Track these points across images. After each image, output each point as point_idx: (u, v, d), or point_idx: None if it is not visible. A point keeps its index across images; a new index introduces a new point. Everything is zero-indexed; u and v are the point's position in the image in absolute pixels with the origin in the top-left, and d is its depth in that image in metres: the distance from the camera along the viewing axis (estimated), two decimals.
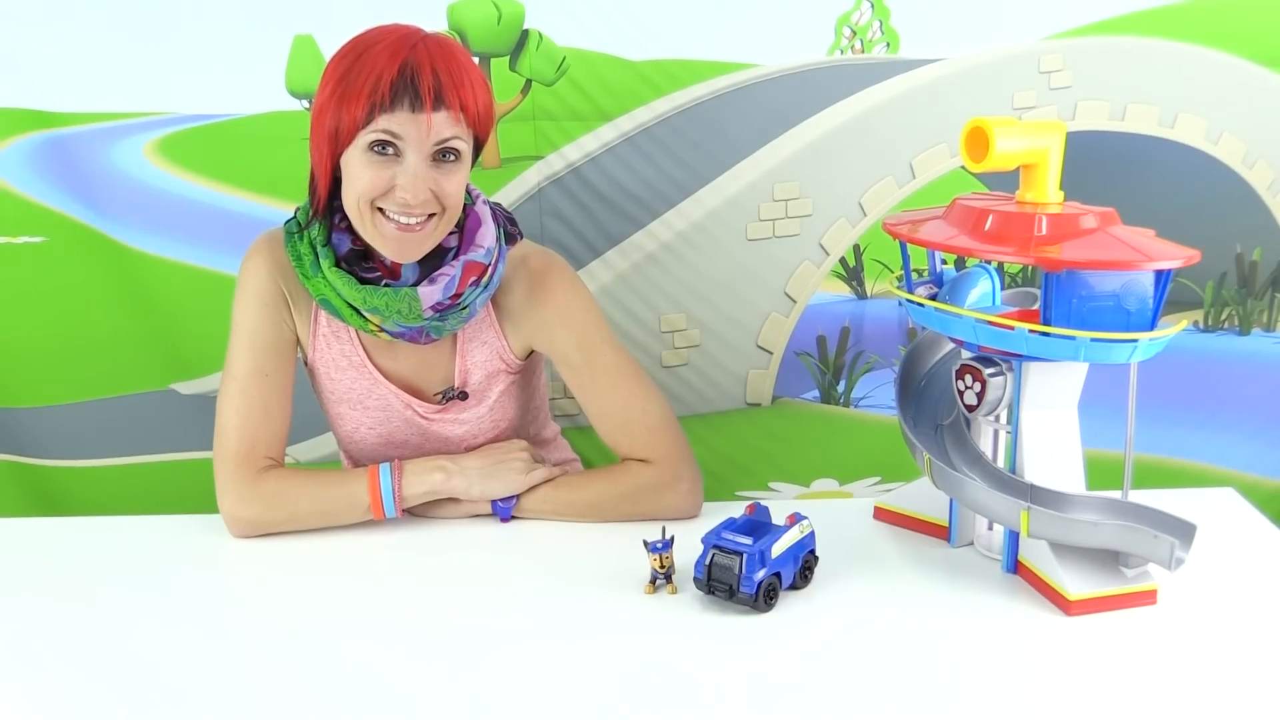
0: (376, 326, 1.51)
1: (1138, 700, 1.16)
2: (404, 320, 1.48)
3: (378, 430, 1.62)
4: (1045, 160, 1.30)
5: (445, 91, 1.38)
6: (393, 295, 1.47)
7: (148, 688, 1.19)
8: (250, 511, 1.52)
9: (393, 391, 1.59)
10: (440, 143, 1.41)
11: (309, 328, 1.57)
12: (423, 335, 1.52)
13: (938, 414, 1.49)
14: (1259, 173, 2.06)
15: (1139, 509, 1.31)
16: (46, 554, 1.50)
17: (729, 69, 1.97)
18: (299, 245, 1.51)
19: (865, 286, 2.11)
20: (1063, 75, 1.98)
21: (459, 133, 1.41)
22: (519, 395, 1.66)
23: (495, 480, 1.56)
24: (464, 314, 1.52)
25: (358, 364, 1.58)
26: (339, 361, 1.58)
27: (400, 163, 1.41)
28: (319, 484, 1.54)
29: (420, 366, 1.59)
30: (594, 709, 1.15)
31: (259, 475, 1.52)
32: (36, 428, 2.14)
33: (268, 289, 1.54)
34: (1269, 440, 2.20)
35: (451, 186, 1.43)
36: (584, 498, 1.57)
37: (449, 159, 1.43)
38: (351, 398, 1.60)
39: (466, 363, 1.59)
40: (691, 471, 1.59)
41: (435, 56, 1.39)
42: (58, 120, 1.94)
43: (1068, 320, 1.26)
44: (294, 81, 1.94)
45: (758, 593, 1.28)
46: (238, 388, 1.55)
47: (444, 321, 1.51)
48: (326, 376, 1.60)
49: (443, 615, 1.33)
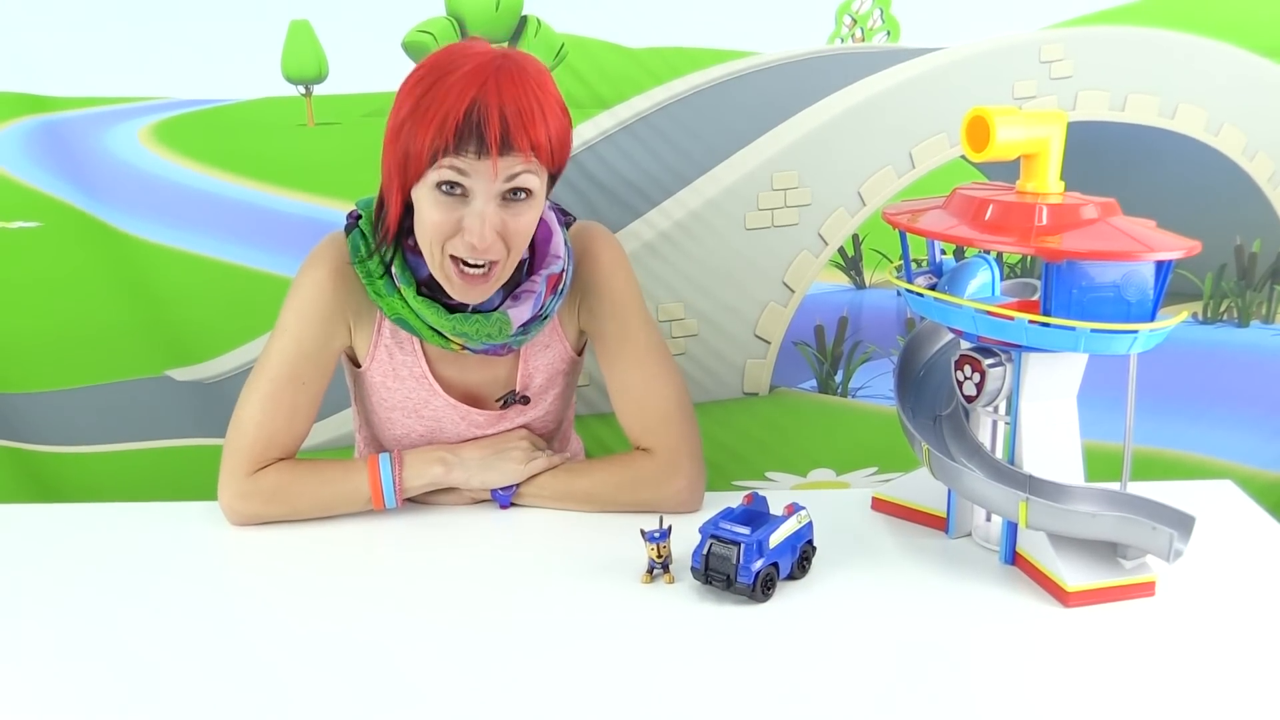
0: (460, 346, 1.50)
1: (1135, 692, 1.16)
2: (490, 341, 1.48)
3: (427, 437, 1.61)
4: (1046, 150, 1.29)
5: (513, 135, 1.33)
6: (484, 321, 1.46)
7: (144, 674, 1.19)
8: (249, 507, 1.52)
9: (450, 403, 1.58)
10: (509, 181, 1.37)
11: (371, 337, 1.55)
12: (505, 349, 1.52)
13: (936, 404, 1.48)
14: (1259, 164, 2.05)
15: (1138, 500, 1.31)
16: (42, 540, 1.50)
17: (728, 57, 1.96)
18: (369, 264, 1.48)
19: (864, 276, 2.11)
20: (1063, 65, 1.98)
21: (530, 168, 1.37)
22: (567, 395, 1.67)
23: (494, 471, 1.55)
24: (545, 323, 1.53)
25: (419, 375, 1.57)
26: (399, 372, 1.57)
27: (468, 204, 1.38)
28: (319, 478, 1.54)
29: (484, 376, 1.59)
30: (591, 698, 1.15)
31: (259, 475, 1.52)
32: (32, 413, 2.13)
33: (326, 301, 1.51)
34: (1267, 432, 2.20)
35: (520, 225, 1.40)
36: (582, 486, 1.57)
37: (519, 197, 1.39)
38: (407, 406, 1.59)
39: (530, 367, 1.59)
40: (693, 466, 1.58)
41: (505, 95, 1.33)
42: (52, 105, 1.93)
43: (1068, 311, 1.26)
44: (290, 67, 1.93)
45: (755, 583, 1.28)
46: (270, 389, 1.52)
47: (527, 334, 1.51)
48: (383, 385, 1.58)
49: (440, 605, 1.32)
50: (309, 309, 1.52)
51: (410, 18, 1.89)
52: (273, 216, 1.99)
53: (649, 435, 1.58)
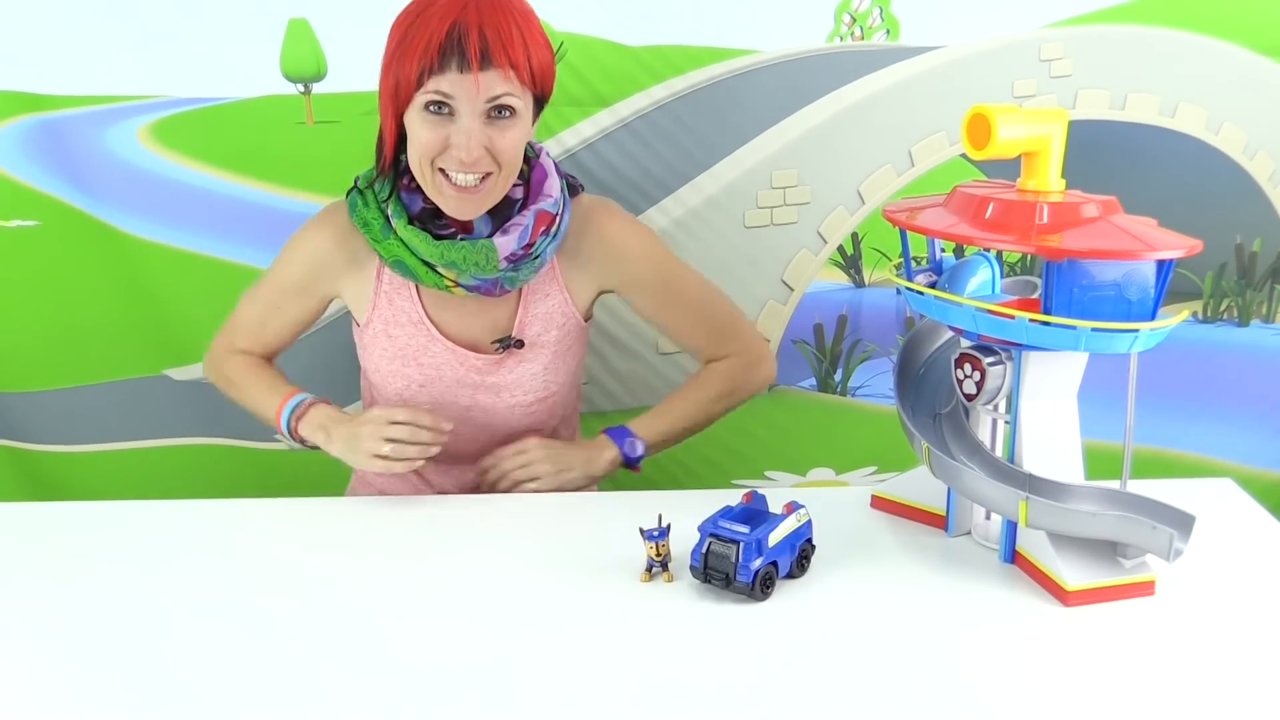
0: (452, 282, 1.56)
1: (1135, 691, 1.16)
2: (480, 272, 1.54)
3: (428, 389, 1.65)
4: (1047, 148, 1.29)
5: (492, 51, 1.42)
6: (470, 248, 1.53)
7: (140, 672, 1.19)
8: (211, 375, 1.79)
9: (448, 348, 1.63)
10: (491, 100, 1.45)
11: (372, 287, 1.63)
12: (497, 287, 1.57)
13: (936, 403, 1.48)
14: (1259, 163, 2.06)
15: (1138, 500, 1.30)
16: (40, 538, 1.49)
17: (728, 55, 1.96)
18: (365, 212, 1.57)
19: (863, 275, 2.11)
20: (1063, 64, 1.98)
21: (510, 89, 1.45)
22: (569, 363, 1.70)
23: (352, 454, 1.59)
24: (536, 263, 1.58)
25: (416, 320, 1.63)
26: (398, 318, 1.63)
27: (455, 121, 1.46)
28: (257, 388, 1.70)
29: (481, 322, 1.64)
30: (589, 697, 1.14)
31: (229, 355, 1.74)
32: (29, 412, 2.13)
33: (316, 251, 1.63)
34: (1267, 432, 2.20)
35: (505, 143, 1.48)
36: (683, 417, 1.74)
37: (504, 115, 1.47)
38: (406, 354, 1.64)
39: (528, 314, 1.64)
40: (766, 349, 1.81)
41: (485, 16, 1.42)
42: (51, 103, 1.93)
43: (1068, 309, 1.26)
44: (289, 65, 1.93)
45: (754, 581, 1.28)
46: (253, 299, 1.72)
47: (517, 272, 1.57)
48: (384, 334, 1.64)
49: (438, 601, 1.32)
50: (302, 258, 1.65)
51: None
52: (272, 214, 1.99)
53: (725, 345, 1.74)
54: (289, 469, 2.16)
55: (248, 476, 2.18)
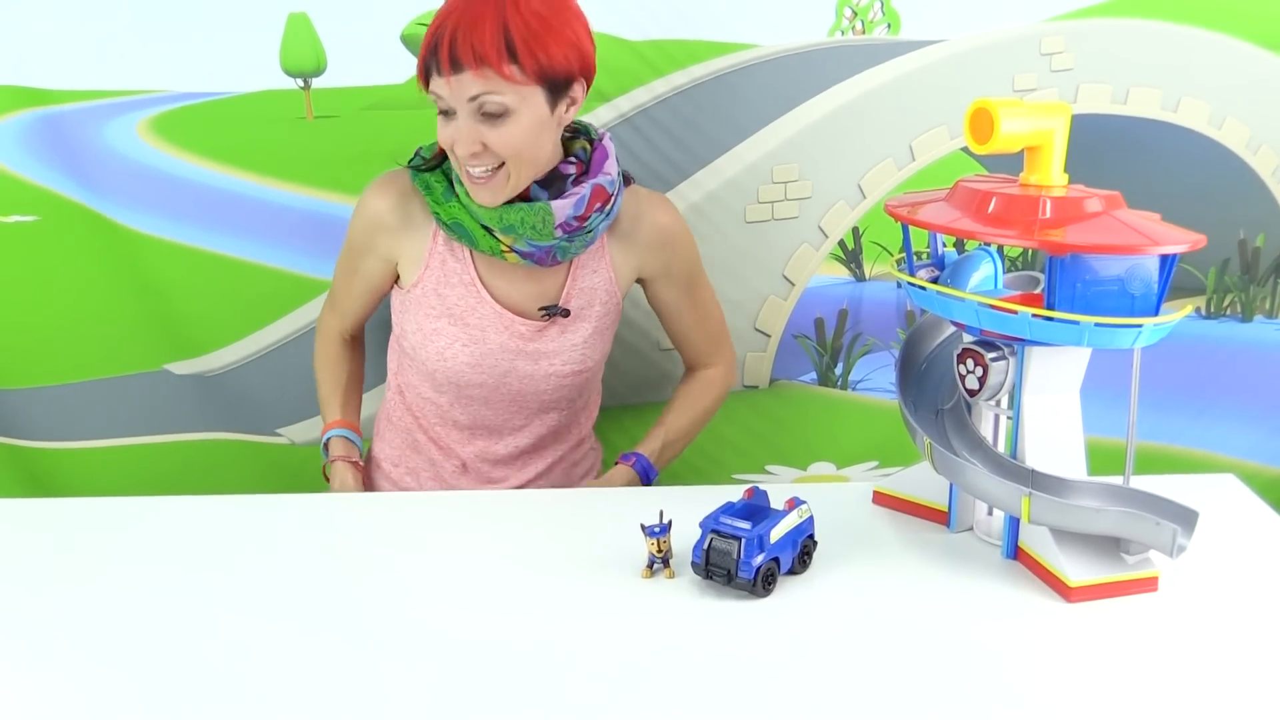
0: (507, 248, 1.62)
1: (1138, 687, 1.16)
2: (536, 238, 1.61)
3: (469, 349, 1.68)
4: (1050, 142, 1.29)
5: (459, 53, 1.48)
6: (528, 210, 1.59)
7: (143, 668, 1.18)
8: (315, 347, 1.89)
9: (495, 310, 1.68)
10: (472, 99, 1.51)
11: (426, 248, 1.69)
12: (549, 256, 1.64)
13: (938, 398, 1.48)
14: (1263, 158, 2.05)
15: (1141, 495, 1.30)
16: (39, 536, 1.49)
17: (728, 50, 1.96)
18: (427, 177, 1.65)
19: (864, 269, 2.10)
20: (1064, 57, 1.97)
21: (488, 89, 1.50)
22: (605, 342, 1.76)
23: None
24: (588, 237, 1.65)
25: (468, 281, 1.68)
26: (450, 279, 1.68)
27: (455, 120, 1.54)
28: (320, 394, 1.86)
29: (530, 290, 1.70)
30: (591, 693, 1.14)
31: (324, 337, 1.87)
32: (29, 409, 2.13)
33: (380, 217, 1.69)
34: (1270, 427, 2.20)
35: (498, 139, 1.53)
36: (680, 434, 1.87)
37: (494, 113, 1.52)
38: (455, 313, 1.68)
39: (575, 286, 1.70)
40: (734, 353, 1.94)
41: (460, 14, 1.49)
42: (51, 98, 1.92)
43: (1071, 304, 1.25)
44: (288, 60, 1.92)
45: (756, 578, 1.28)
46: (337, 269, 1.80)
47: (570, 243, 1.64)
48: (434, 293, 1.69)
49: (440, 599, 1.32)
50: (360, 217, 1.71)
51: (408, 10, 1.88)
52: (272, 209, 1.98)
53: (716, 352, 1.88)
54: (292, 463, 2.16)
55: (250, 471, 2.17)
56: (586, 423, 1.87)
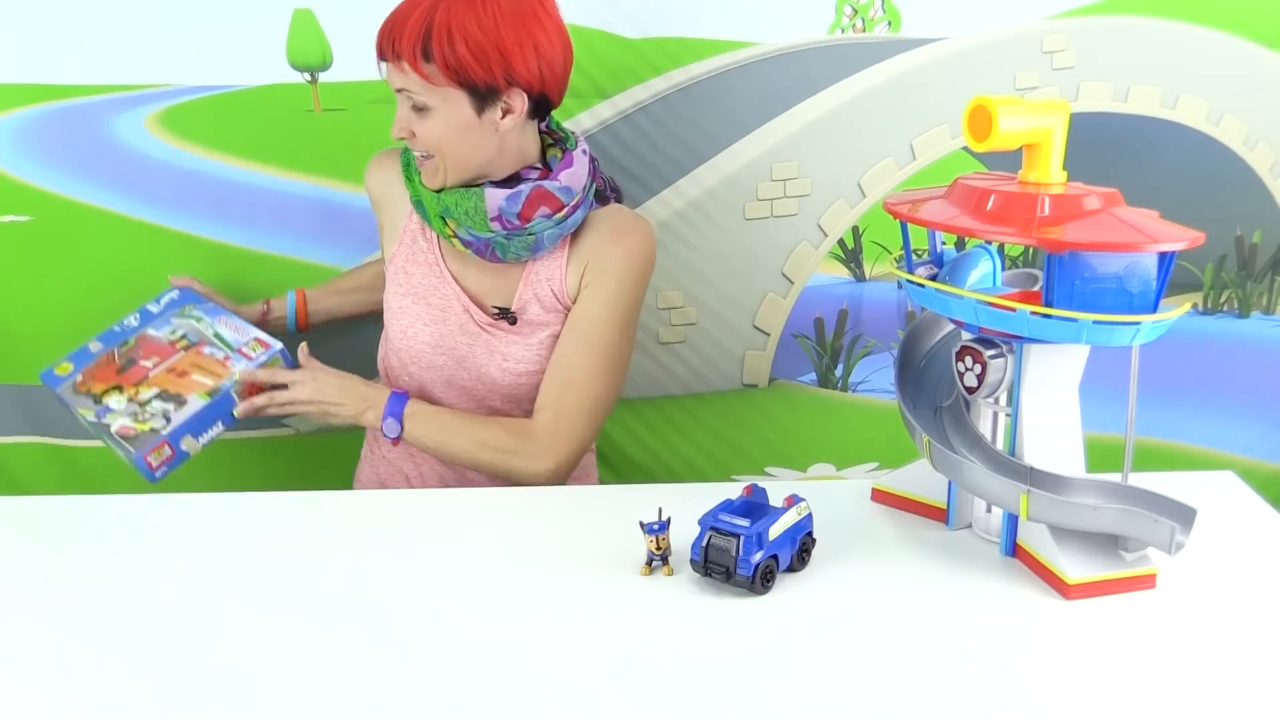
0: (451, 232, 1.65)
1: (1136, 684, 1.16)
2: (473, 226, 1.63)
3: (430, 329, 1.71)
4: (1049, 140, 1.29)
5: (385, 46, 1.56)
6: (462, 196, 1.62)
7: (149, 666, 1.19)
8: None
9: (455, 293, 1.71)
10: (399, 91, 1.59)
11: (402, 225, 1.75)
12: (488, 249, 1.65)
13: (937, 396, 1.48)
14: (1260, 155, 2.05)
15: (1139, 493, 1.30)
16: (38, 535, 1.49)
17: (728, 47, 1.96)
18: (409, 154, 1.69)
19: (864, 269, 2.10)
20: (1065, 55, 1.97)
21: (407, 84, 1.57)
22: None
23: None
24: (529, 240, 1.64)
25: (433, 262, 1.73)
26: (417, 258, 1.74)
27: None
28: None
29: (488, 284, 1.72)
30: (590, 690, 1.14)
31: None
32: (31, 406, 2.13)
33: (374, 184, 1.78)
34: (1268, 423, 2.19)
35: (422, 131, 1.59)
36: (459, 434, 1.70)
37: (419, 110, 1.58)
38: (419, 292, 1.73)
39: (529, 292, 1.70)
40: (566, 464, 1.69)
41: (398, 13, 1.55)
42: (59, 93, 1.93)
43: (1070, 302, 1.25)
44: (294, 54, 1.93)
45: (755, 575, 1.28)
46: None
47: (509, 241, 1.64)
48: (403, 271, 1.74)
49: (437, 595, 1.32)
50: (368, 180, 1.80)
51: None
52: (279, 201, 1.99)
53: (549, 411, 1.68)
54: (293, 459, 2.16)
55: (251, 468, 2.17)
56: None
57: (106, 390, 1.69)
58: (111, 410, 1.66)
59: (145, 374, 1.70)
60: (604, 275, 1.67)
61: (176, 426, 1.65)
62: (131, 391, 1.69)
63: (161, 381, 1.70)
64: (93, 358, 1.74)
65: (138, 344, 1.75)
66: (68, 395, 1.70)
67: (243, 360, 1.71)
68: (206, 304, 1.81)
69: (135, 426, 1.64)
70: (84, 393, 1.69)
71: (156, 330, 1.77)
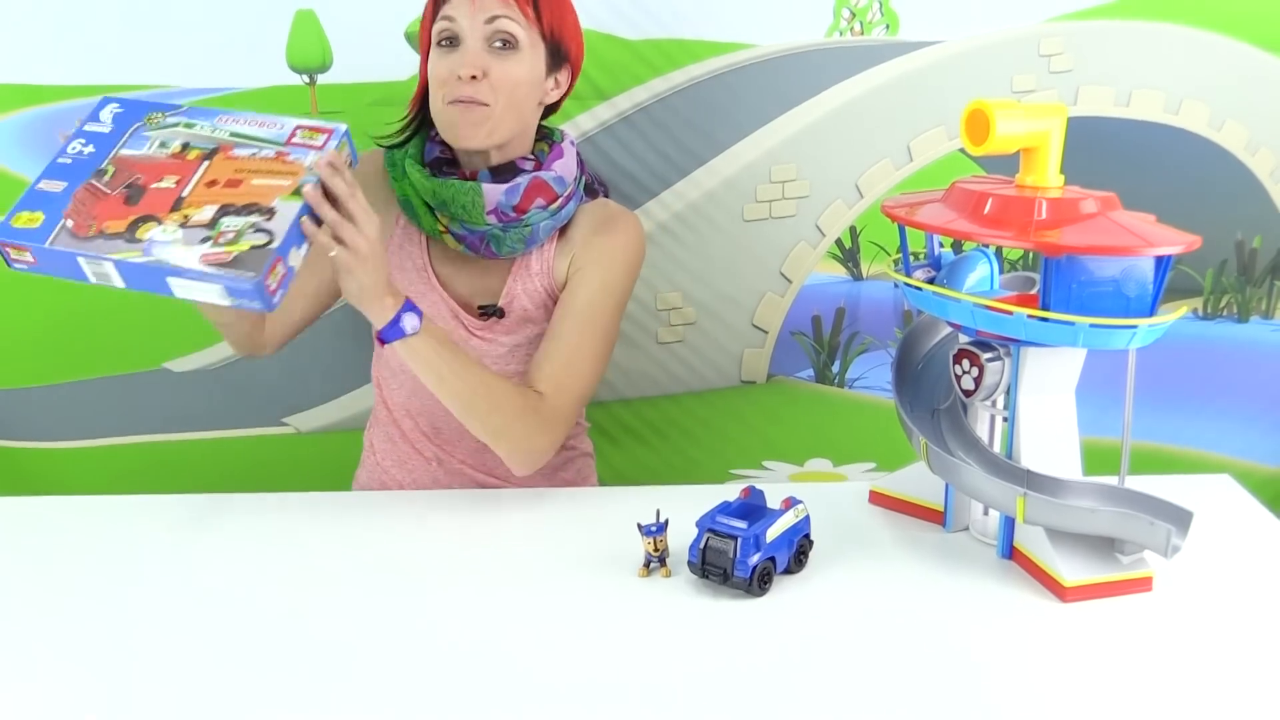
0: (444, 228, 1.62)
1: (1133, 687, 1.16)
2: (468, 220, 1.60)
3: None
4: (1046, 143, 1.29)
5: None
6: (460, 188, 1.58)
7: (144, 668, 1.19)
8: None
9: (443, 299, 1.67)
10: (490, 21, 1.54)
11: (389, 228, 1.68)
12: (483, 244, 1.62)
13: (934, 399, 1.48)
14: (1261, 160, 2.05)
15: (1136, 496, 1.31)
16: (38, 535, 1.49)
17: (727, 49, 1.96)
18: (395, 154, 1.66)
19: (861, 268, 2.11)
20: (1063, 59, 1.97)
21: (510, 14, 1.54)
22: None
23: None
24: (525, 232, 1.62)
25: (420, 266, 1.68)
26: (404, 264, 1.69)
27: (461, 52, 1.55)
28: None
29: (476, 285, 1.68)
30: (587, 692, 1.15)
31: None
32: (28, 409, 2.13)
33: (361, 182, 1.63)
34: (1265, 427, 2.20)
35: (500, 71, 1.55)
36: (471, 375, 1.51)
37: (505, 47, 1.55)
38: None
39: (517, 287, 1.67)
40: (555, 442, 1.59)
41: None
42: (56, 95, 1.93)
43: (1067, 305, 1.26)
44: (295, 56, 1.93)
45: (752, 577, 1.28)
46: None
47: (505, 234, 1.61)
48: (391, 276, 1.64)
49: (434, 597, 1.32)
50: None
51: (413, 8, 1.88)
52: None
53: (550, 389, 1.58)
54: (292, 461, 2.16)
55: (252, 469, 2.18)
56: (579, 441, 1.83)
57: (131, 225, 1.36)
58: (163, 243, 1.33)
59: (177, 196, 1.37)
60: (596, 264, 1.65)
61: (284, 238, 1.33)
62: (177, 217, 1.35)
63: (219, 196, 1.37)
64: (65, 199, 1.39)
65: (121, 169, 1.42)
66: (67, 244, 1.36)
67: (309, 152, 1.40)
68: (176, 108, 1.48)
69: (227, 250, 1.32)
70: (92, 235, 1.35)
71: (135, 150, 1.44)
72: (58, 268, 1.38)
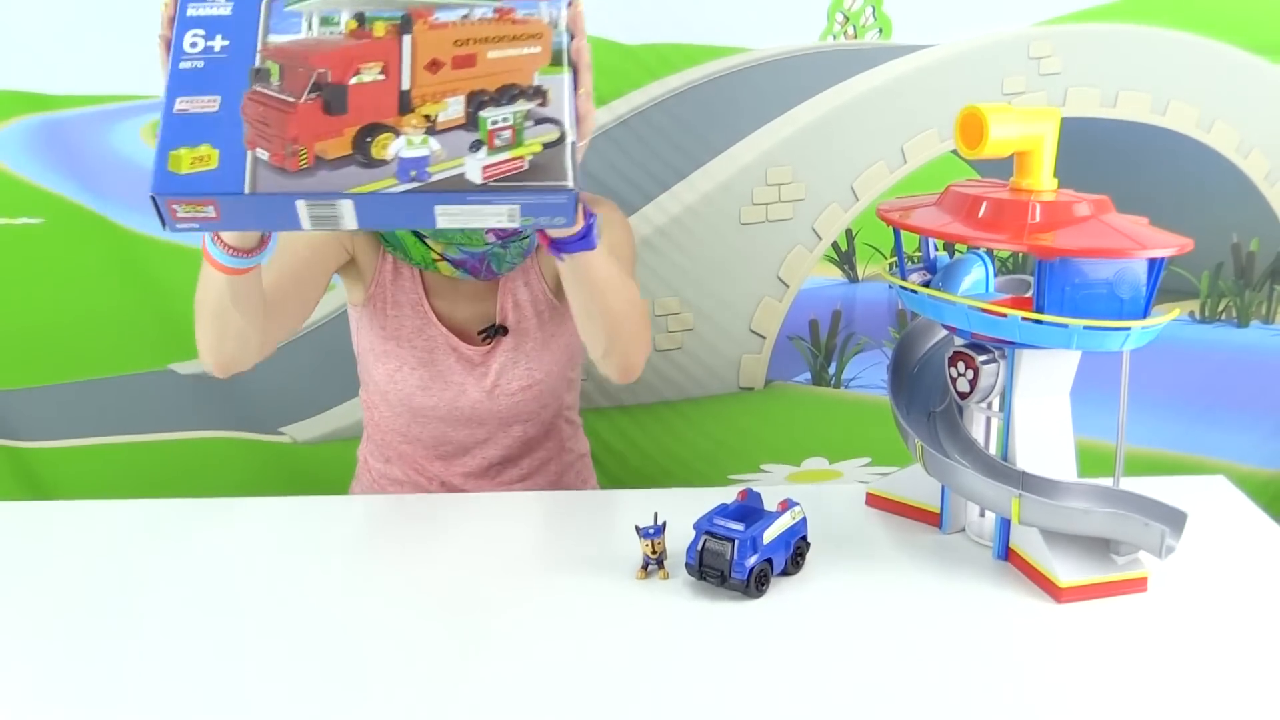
0: (438, 256, 1.59)
1: (1127, 687, 1.16)
2: (467, 244, 1.57)
3: (419, 372, 1.66)
4: (1040, 147, 1.29)
5: None
6: None
7: (143, 671, 1.19)
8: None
9: (441, 332, 1.65)
10: None
11: (375, 265, 1.64)
12: (484, 265, 1.60)
13: (930, 401, 1.49)
14: (1254, 162, 2.06)
15: (1130, 497, 1.31)
16: (39, 538, 1.49)
17: (722, 53, 1.97)
18: None
19: (857, 270, 2.11)
20: (1052, 61, 1.98)
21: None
22: (554, 351, 1.70)
23: None
24: (523, 245, 1.61)
25: (415, 301, 1.65)
26: (397, 297, 1.65)
27: None
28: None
29: (471, 311, 1.67)
30: (585, 695, 1.15)
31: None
32: (33, 409, 2.13)
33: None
34: (1265, 432, 2.20)
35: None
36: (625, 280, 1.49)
37: None
38: (401, 335, 1.66)
39: (508, 300, 1.66)
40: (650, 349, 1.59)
41: None
42: (55, 103, 1.93)
43: (1061, 308, 1.26)
44: None
45: (749, 579, 1.29)
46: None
47: (505, 250, 1.59)
48: (382, 313, 1.66)
49: (432, 600, 1.32)
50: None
51: None
52: None
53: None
54: (294, 462, 2.17)
55: (252, 470, 2.18)
56: (565, 428, 1.83)
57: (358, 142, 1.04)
58: (417, 160, 1.04)
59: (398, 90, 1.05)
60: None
61: (571, 119, 1.07)
62: (416, 121, 1.05)
63: (458, 83, 1.05)
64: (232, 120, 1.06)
65: (290, 65, 1.07)
66: (278, 185, 1.03)
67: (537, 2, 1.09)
68: None
69: (514, 155, 1.04)
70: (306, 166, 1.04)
71: (289, 34, 1.09)
72: (258, 218, 1.07)
